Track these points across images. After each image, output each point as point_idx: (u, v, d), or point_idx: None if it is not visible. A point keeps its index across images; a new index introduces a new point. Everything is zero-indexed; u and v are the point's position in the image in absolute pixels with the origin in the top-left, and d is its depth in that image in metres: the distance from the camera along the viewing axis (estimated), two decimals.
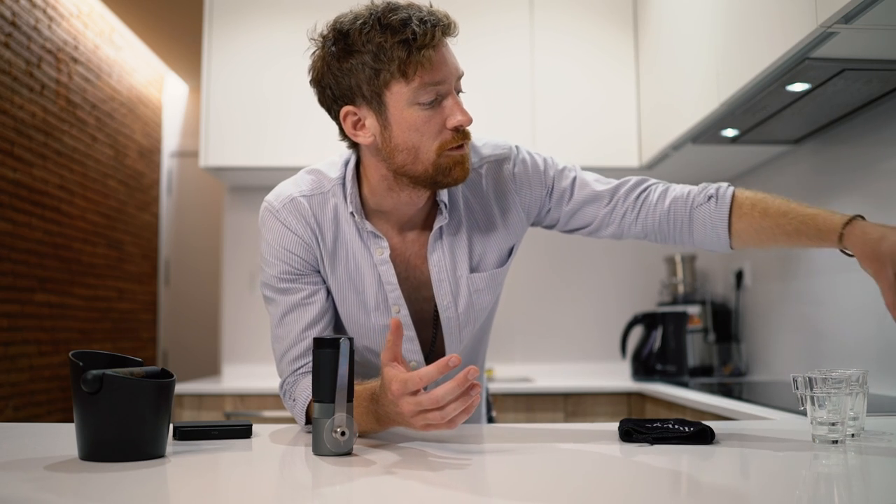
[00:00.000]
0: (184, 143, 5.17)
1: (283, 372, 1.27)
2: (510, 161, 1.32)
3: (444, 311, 1.30)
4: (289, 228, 1.25)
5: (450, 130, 1.15)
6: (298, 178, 1.30)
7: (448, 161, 1.17)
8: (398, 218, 1.27)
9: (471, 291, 1.30)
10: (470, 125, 1.16)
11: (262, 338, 3.22)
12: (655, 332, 3.00)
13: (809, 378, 1.05)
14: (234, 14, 3.02)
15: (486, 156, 1.32)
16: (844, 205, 2.34)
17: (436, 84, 1.13)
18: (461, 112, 1.15)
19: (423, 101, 1.14)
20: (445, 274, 1.29)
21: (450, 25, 1.14)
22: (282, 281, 1.26)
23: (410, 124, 1.15)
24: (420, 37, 1.10)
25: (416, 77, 1.12)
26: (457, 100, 1.16)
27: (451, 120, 1.15)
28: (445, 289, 1.29)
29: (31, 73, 3.40)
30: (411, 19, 1.11)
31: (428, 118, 1.15)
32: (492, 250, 1.32)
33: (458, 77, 1.17)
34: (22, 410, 3.33)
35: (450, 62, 1.15)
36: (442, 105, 1.15)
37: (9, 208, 3.21)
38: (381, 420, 1.07)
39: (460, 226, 1.30)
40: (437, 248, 1.28)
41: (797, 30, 1.73)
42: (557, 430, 1.23)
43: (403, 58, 1.11)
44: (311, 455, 1.00)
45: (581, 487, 0.86)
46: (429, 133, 1.15)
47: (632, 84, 3.07)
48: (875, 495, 0.82)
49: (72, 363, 0.94)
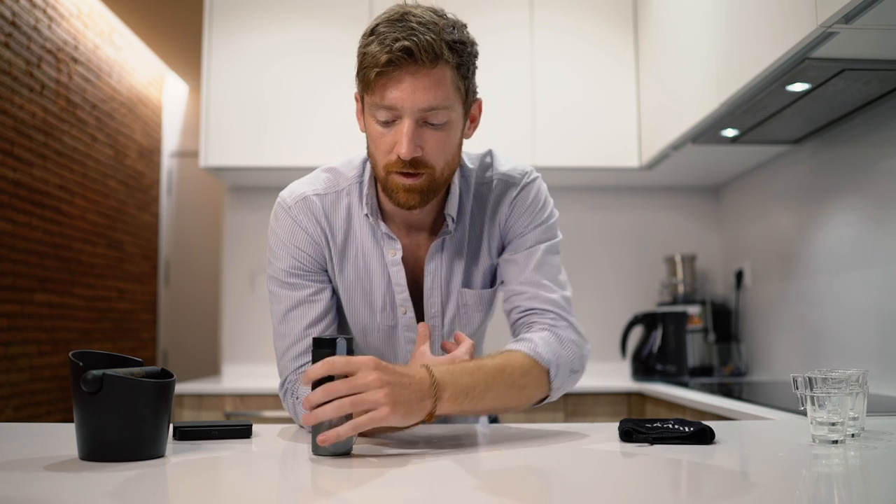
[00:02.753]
0: (184, 143, 5.17)
1: (284, 370, 1.27)
2: (517, 187, 1.30)
3: (430, 319, 1.30)
4: (299, 226, 1.26)
5: (396, 154, 1.14)
6: (314, 177, 1.30)
7: (393, 183, 1.16)
8: (404, 219, 1.27)
9: (459, 305, 1.30)
10: (406, 159, 1.11)
11: (262, 338, 3.23)
12: (655, 332, 3.00)
13: (809, 378, 1.05)
14: (234, 14, 3.02)
15: (502, 173, 1.31)
16: (844, 205, 2.34)
17: (385, 107, 1.11)
18: (405, 144, 1.10)
19: (377, 117, 1.14)
20: (439, 283, 1.29)
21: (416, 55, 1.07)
22: (289, 276, 1.26)
23: (370, 133, 1.18)
24: (370, 57, 1.10)
25: (373, 93, 1.12)
26: (408, 129, 1.10)
27: (396, 146, 1.13)
28: (436, 297, 1.29)
29: (31, 73, 3.39)
30: (381, 35, 1.09)
31: (381, 135, 1.15)
32: (482, 268, 1.31)
33: (422, 108, 1.11)
34: (22, 410, 3.33)
35: (405, 90, 1.09)
36: (396, 127, 1.13)
37: (9, 208, 3.21)
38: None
39: (463, 239, 1.29)
40: (436, 258, 1.28)
41: (797, 30, 1.73)
42: (557, 430, 1.23)
43: (360, 69, 1.13)
44: (311, 455, 1.00)
45: (581, 487, 0.86)
46: (380, 149, 1.16)
47: (632, 84, 3.07)
48: (875, 495, 0.82)
49: (72, 363, 0.94)
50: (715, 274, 3.36)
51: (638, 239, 3.40)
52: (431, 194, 1.18)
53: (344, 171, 1.29)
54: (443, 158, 1.17)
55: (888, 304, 2.10)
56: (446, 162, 1.18)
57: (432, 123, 1.14)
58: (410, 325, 1.29)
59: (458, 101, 1.16)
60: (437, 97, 1.11)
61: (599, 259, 3.38)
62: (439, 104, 1.12)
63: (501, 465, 0.98)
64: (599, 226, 3.40)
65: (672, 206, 3.42)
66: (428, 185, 1.16)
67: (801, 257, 2.61)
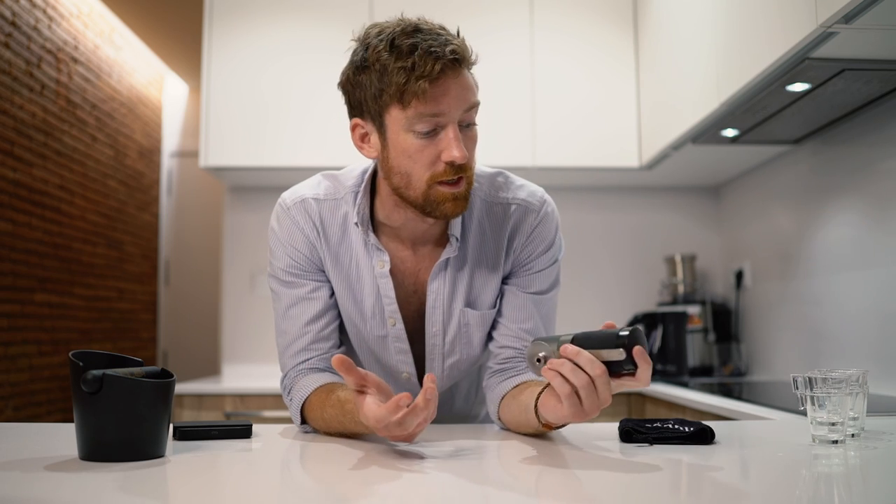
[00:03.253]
0: (184, 143, 5.17)
1: (285, 366, 1.29)
2: (538, 214, 1.30)
3: (432, 337, 1.30)
4: (296, 226, 1.28)
5: (444, 163, 1.13)
6: (315, 182, 1.31)
7: (438, 195, 1.15)
8: (410, 233, 1.27)
9: (461, 324, 1.30)
10: (463, 162, 1.12)
11: (262, 338, 3.23)
12: (655, 332, 3.00)
13: (809, 378, 1.05)
14: (234, 14, 3.02)
15: (521, 199, 1.30)
16: (844, 204, 2.34)
17: (433, 116, 1.11)
18: (457, 148, 1.11)
19: (418, 129, 1.12)
20: (441, 302, 1.29)
21: (460, 59, 1.10)
22: (288, 274, 1.28)
23: (404, 150, 1.14)
24: (419, 67, 1.08)
25: (412, 105, 1.10)
26: (456, 134, 1.11)
27: (445, 153, 1.12)
28: (437, 317, 1.29)
29: (31, 73, 3.40)
30: (418, 46, 1.08)
31: (422, 147, 1.13)
32: (490, 289, 1.30)
33: (465, 109, 1.13)
34: (22, 410, 3.33)
35: (453, 95, 1.11)
36: (439, 136, 1.12)
37: (9, 208, 3.21)
38: (352, 427, 1.10)
39: (467, 259, 1.29)
40: (440, 277, 1.28)
41: (797, 30, 1.73)
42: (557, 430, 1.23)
43: (401, 84, 1.09)
44: (311, 455, 1.00)
45: (581, 487, 0.86)
46: (421, 162, 1.13)
47: (632, 84, 3.07)
48: (875, 495, 0.82)
49: (72, 363, 0.94)
50: (715, 274, 3.36)
51: (638, 239, 3.40)
52: (469, 199, 1.19)
53: (343, 179, 1.30)
54: (474, 160, 1.19)
55: (888, 304, 2.10)
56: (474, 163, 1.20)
57: (468, 124, 1.15)
58: (400, 337, 1.30)
59: None
60: (474, 97, 1.15)
61: (599, 259, 3.38)
62: (476, 103, 1.15)
63: (501, 464, 0.98)
64: (599, 226, 3.40)
65: (672, 206, 3.42)
66: (468, 190, 1.17)
67: (801, 257, 2.61)
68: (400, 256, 1.28)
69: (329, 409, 1.14)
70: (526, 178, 1.36)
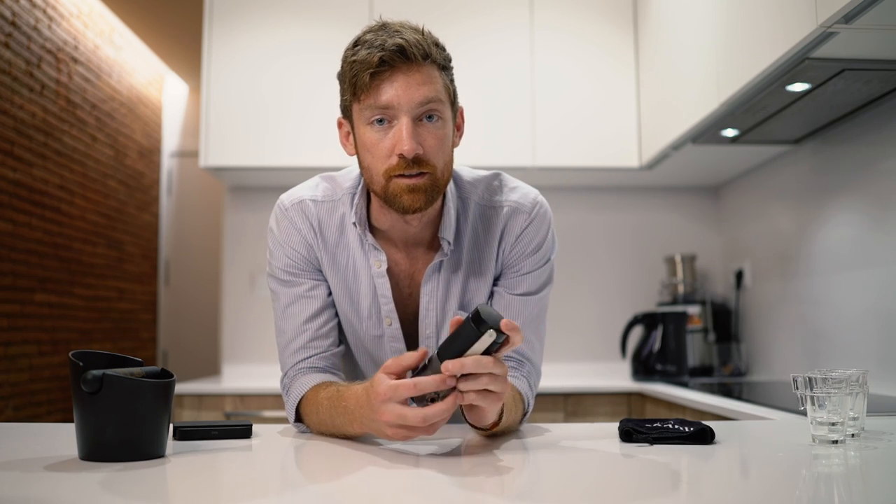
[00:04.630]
0: (184, 143, 5.17)
1: (284, 365, 1.29)
2: (528, 216, 1.29)
3: (426, 339, 1.31)
4: (293, 226, 1.29)
5: (396, 156, 1.14)
6: (313, 183, 1.33)
7: (395, 187, 1.15)
8: (399, 235, 1.27)
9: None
10: (411, 155, 1.12)
11: (262, 338, 3.23)
12: (655, 332, 3.00)
13: (809, 378, 1.05)
14: (234, 14, 3.02)
15: (513, 200, 1.30)
16: (844, 204, 2.34)
17: (382, 108, 1.13)
18: (406, 141, 1.11)
19: (370, 121, 1.15)
20: (434, 304, 1.29)
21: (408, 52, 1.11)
22: (286, 273, 1.30)
23: (363, 143, 1.18)
24: (361, 59, 1.12)
25: (362, 98, 1.14)
26: (407, 126, 1.12)
27: (397, 146, 1.13)
28: (431, 319, 1.30)
29: (31, 73, 3.40)
30: (368, 42, 1.13)
31: (377, 140, 1.15)
32: (483, 292, 1.31)
33: (419, 102, 1.13)
34: (22, 410, 3.33)
35: (399, 87, 1.12)
36: (393, 130, 1.14)
37: (9, 208, 3.21)
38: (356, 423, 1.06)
39: (461, 263, 1.29)
40: (433, 280, 1.29)
41: (797, 30, 1.73)
42: (557, 430, 1.23)
43: (352, 77, 1.14)
44: (311, 455, 1.00)
45: (581, 487, 0.86)
46: (378, 155, 1.16)
47: (632, 84, 3.07)
48: (875, 495, 0.82)
49: (72, 363, 0.94)
50: (715, 274, 3.36)
51: (638, 239, 3.40)
52: (434, 195, 1.18)
53: (341, 181, 1.32)
54: (441, 158, 1.17)
55: (888, 304, 2.10)
56: (445, 162, 1.18)
57: (428, 119, 1.15)
58: (396, 336, 1.31)
59: (447, 101, 1.19)
60: (430, 91, 1.14)
61: (600, 259, 3.38)
62: (433, 97, 1.14)
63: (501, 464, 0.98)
64: (600, 226, 3.40)
65: (672, 206, 3.42)
66: (431, 185, 1.16)
67: (800, 257, 2.61)
68: (394, 259, 1.29)
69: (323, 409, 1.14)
70: (526, 179, 1.37)
